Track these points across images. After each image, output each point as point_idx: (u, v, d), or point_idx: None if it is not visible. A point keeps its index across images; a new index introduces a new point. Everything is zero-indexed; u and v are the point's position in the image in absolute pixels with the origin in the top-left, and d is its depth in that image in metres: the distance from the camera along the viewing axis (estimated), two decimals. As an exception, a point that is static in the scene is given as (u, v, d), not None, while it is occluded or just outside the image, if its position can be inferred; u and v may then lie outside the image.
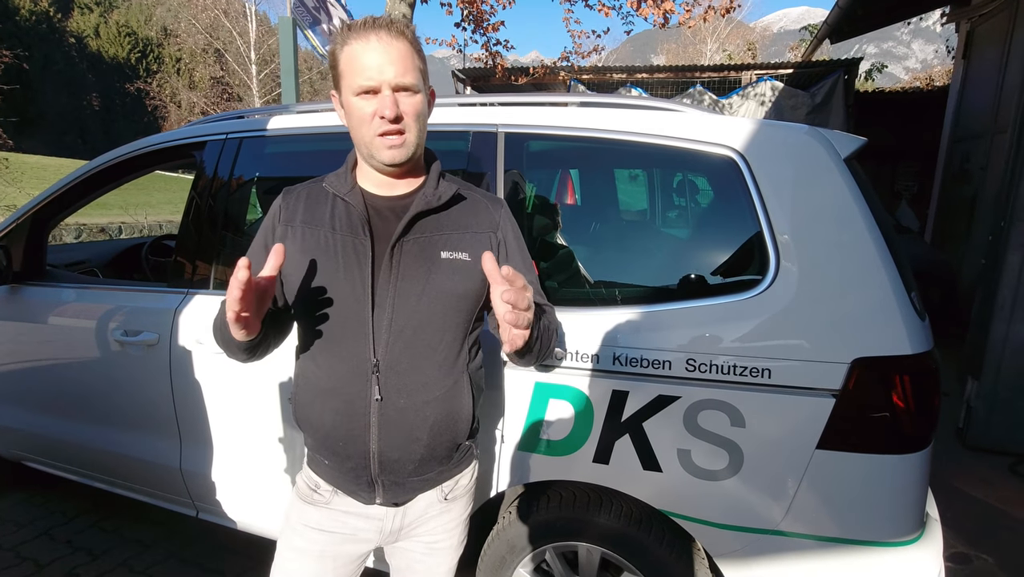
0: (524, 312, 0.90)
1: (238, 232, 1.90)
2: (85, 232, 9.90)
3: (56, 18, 37.92)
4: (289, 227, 1.10)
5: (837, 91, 7.34)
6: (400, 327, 1.05)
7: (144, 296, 1.99)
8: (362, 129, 1.02)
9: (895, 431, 1.27)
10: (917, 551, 1.32)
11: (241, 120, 1.97)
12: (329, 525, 1.14)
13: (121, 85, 35.77)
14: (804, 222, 1.33)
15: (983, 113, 5.43)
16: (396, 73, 0.99)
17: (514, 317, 0.89)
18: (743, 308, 1.34)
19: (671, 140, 1.46)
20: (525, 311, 0.90)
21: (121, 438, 2.05)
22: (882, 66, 17.78)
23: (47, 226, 2.31)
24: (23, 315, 2.19)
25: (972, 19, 5.79)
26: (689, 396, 1.35)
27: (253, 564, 2.19)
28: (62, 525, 2.44)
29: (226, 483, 1.89)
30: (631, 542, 1.47)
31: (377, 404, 1.05)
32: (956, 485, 2.84)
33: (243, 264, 0.87)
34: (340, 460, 1.09)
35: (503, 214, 1.17)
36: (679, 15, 6.35)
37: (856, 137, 1.46)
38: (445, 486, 1.17)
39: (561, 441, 1.47)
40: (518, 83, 7.97)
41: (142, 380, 1.93)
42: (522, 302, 0.89)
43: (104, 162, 2.13)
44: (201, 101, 25.68)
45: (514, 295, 0.87)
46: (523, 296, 0.89)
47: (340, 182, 1.10)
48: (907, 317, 1.26)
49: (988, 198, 4.82)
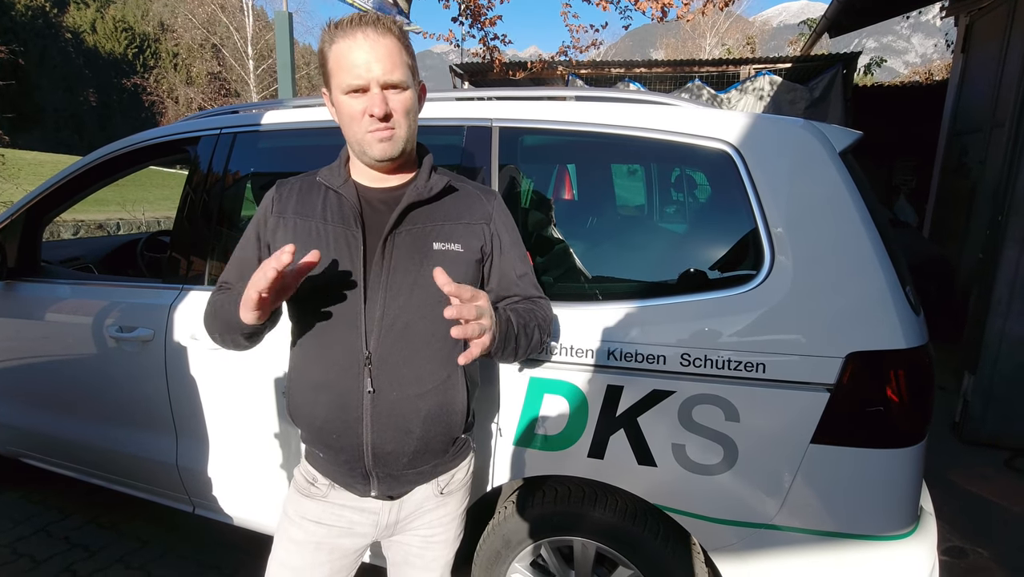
0: (473, 323, 0.92)
1: (232, 227, 1.89)
2: (83, 229, 9.88)
3: (52, 13, 37.75)
4: (281, 218, 1.10)
5: (836, 85, 7.32)
6: (392, 319, 1.05)
7: (139, 292, 1.98)
8: (352, 127, 1.03)
9: (889, 425, 1.27)
10: (911, 545, 1.32)
11: (235, 115, 1.96)
12: (326, 518, 1.15)
13: (118, 81, 35.61)
14: (799, 216, 1.32)
15: (982, 107, 5.41)
16: (384, 71, 0.99)
17: (460, 331, 0.91)
18: (738, 303, 1.33)
19: (665, 134, 1.45)
20: (476, 321, 0.92)
21: (117, 434, 2.05)
22: (881, 60, 17.71)
23: (42, 222, 2.30)
24: (18, 311, 2.19)
25: (971, 13, 5.78)
26: (684, 391, 1.35)
27: (250, 559, 2.19)
28: (59, 521, 2.44)
29: (222, 479, 1.89)
30: (626, 537, 1.47)
31: (370, 397, 1.05)
32: (952, 479, 2.85)
33: (289, 249, 0.88)
34: (334, 453, 1.10)
35: (496, 205, 1.17)
36: (677, 9, 6.33)
37: (851, 131, 1.46)
38: (441, 480, 1.18)
39: (556, 436, 1.47)
40: (516, 78, 7.95)
41: (137, 376, 1.93)
42: (469, 314, 0.90)
43: (98, 157, 2.12)
44: (198, 96, 25.55)
45: (456, 311, 0.89)
46: (468, 308, 0.90)
47: (333, 175, 1.11)
48: (901, 311, 1.26)
49: (986, 192, 4.81)
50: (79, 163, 2.17)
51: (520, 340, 1.09)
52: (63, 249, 3.22)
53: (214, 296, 1.17)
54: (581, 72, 8.36)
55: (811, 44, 8.70)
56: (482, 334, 0.94)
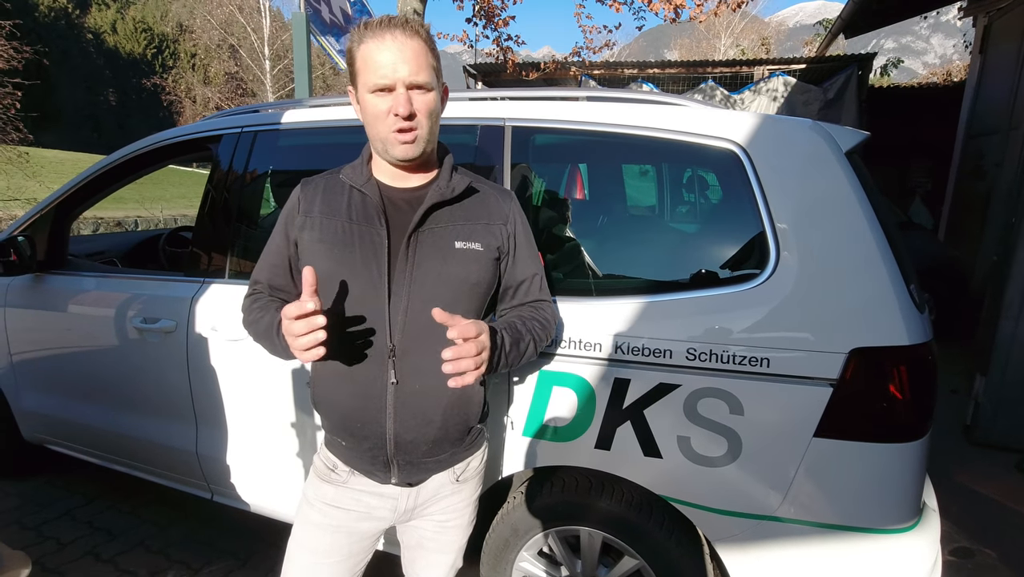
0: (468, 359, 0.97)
1: (252, 224, 1.95)
2: (103, 226, 10.08)
3: (74, 14, 38.42)
4: (308, 217, 1.14)
5: (850, 86, 7.27)
6: (416, 314, 1.09)
7: (162, 285, 2.05)
8: (377, 125, 1.06)
9: (892, 420, 1.29)
10: (913, 538, 1.34)
11: (256, 114, 2.02)
12: (345, 503, 1.19)
13: (137, 80, 36.22)
14: (804, 214, 1.35)
15: (999, 109, 5.36)
16: (410, 72, 1.02)
17: (455, 367, 0.97)
18: (743, 299, 1.36)
19: (674, 134, 1.48)
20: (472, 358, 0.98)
21: (139, 422, 2.12)
22: (898, 61, 17.48)
23: (69, 217, 2.38)
24: (47, 303, 2.27)
25: (989, 13, 5.72)
26: (689, 384, 1.38)
27: (265, 545, 2.25)
28: (83, 506, 2.53)
29: (240, 466, 1.95)
30: (631, 526, 1.50)
31: (393, 387, 1.09)
32: (961, 481, 2.84)
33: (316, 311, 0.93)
34: (357, 441, 1.14)
35: (513, 207, 1.21)
36: (690, 10, 6.32)
37: (858, 131, 1.48)
38: (457, 468, 1.22)
39: (564, 427, 1.50)
40: (529, 79, 7.98)
41: (160, 366, 2.00)
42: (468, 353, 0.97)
43: (123, 156, 2.20)
44: (216, 96, 25.89)
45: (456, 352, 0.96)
46: (468, 348, 0.97)
47: (356, 174, 1.14)
48: (905, 308, 1.28)
49: (1002, 195, 4.77)
50: (105, 160, 2.24)
51: (510, 357, 1.14)
52: (88, 243, 3.31)
53: (249, 306, 1.21)
54: (594, 73, 8.38)
55: (826, 45, 8.64)
56: (479, 366, 1.00)
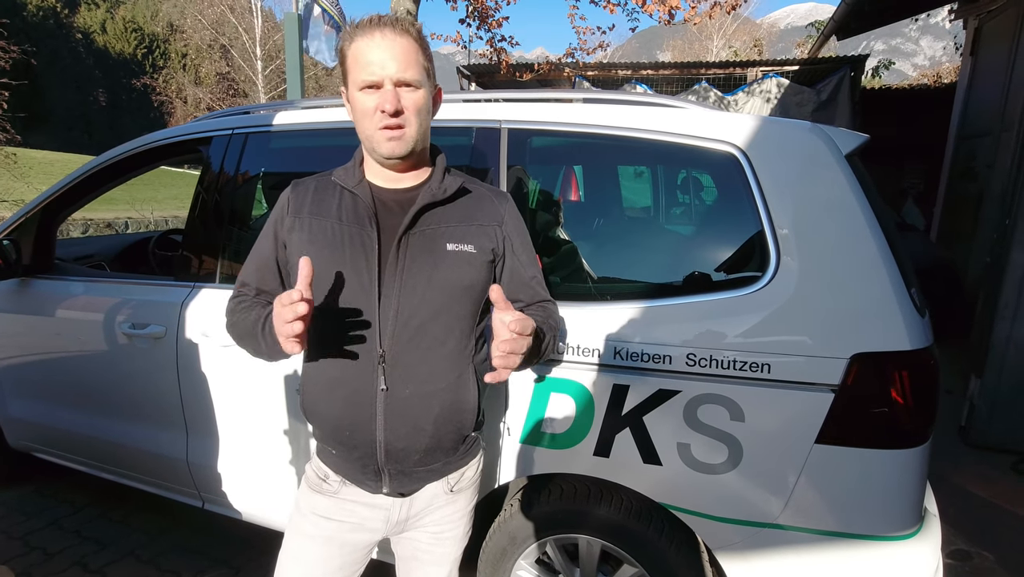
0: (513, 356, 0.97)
1: (244, 226, 1.92)
2: (92, 227, 9.97)
3: (63, 14, 38.11)
4: (297, 218, 1.12)
5: (843, 88, 7.30)
6: (406, 318, 1.06)
7: (151, 289, 2.01)
8: (364, 122, 1.05)
9: (894, 426, 1.28)
10: (915, 545, 1.33)
11: (247, 116, 1.99)
12: (337, 514, 1.16)
13: (127, 81, 35.97)
14: (805, 218, 1.33)
15: (990, 110, 5.39)
16: (398, 68, 1.01)
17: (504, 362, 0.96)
18: (743, 304, 1.35)
19: (672, 136, 1.47)
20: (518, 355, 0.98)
21: (128, 430, 2.08)
22: (889, 63, 17.58)
23: (56, 220, 2.34)
24: (33, 308, 2.22)
25: (980, 16, 5.76)
26: (689, 390, 1.36)
27: (257, 554, 2.21)
28: (70, 515, 2.48)
29: (232, 475, 1.92)
30: (631, 534, 1.48)
31: (383, 394, 1.07)
32: (958, 482, 2.84)
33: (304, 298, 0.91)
34: (347, 449, 1.11)
35: (508, 208, 1.19)
36: (684, 11, 6.33)
37: (858, 134, 1.47)
38: (451, 478, 1.19)
39: (563, 434, 1.48)
40: (523, 79, 7.97)
41: (149, 372, 1.96)
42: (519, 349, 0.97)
43: (112, 157, 2.16)
44: (207, 97, 25.72)
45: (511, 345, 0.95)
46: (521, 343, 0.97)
47: (348, 175, 1.12)
48: (906, 313, 1.27)
49: (994, 196, 4.79)
50: (94, 162, 2.20)
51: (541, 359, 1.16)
52: (76, 247, 3.26)
53: (234, 308, 1.18)
54: (588, 74, 8.37)
55: (818, 47, 8.68)
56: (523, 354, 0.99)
